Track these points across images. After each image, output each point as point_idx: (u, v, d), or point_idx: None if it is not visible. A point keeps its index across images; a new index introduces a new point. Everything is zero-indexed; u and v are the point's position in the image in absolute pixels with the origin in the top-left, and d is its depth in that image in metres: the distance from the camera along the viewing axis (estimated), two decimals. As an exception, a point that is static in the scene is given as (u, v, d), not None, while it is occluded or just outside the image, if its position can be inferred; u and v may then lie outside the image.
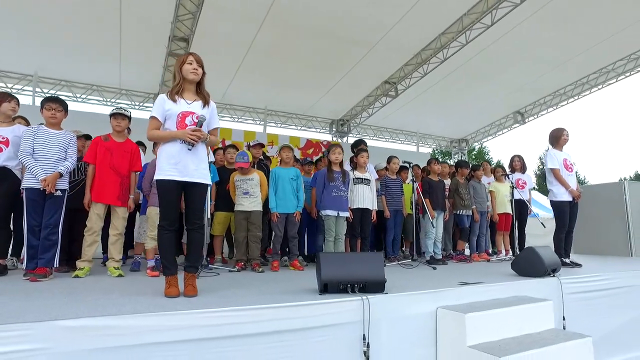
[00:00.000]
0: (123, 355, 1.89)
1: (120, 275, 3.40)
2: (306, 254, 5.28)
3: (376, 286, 2.64)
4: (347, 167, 4.66)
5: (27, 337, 1.74)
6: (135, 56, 6.64)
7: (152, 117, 2.57)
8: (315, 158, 6.43)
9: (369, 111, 9.08)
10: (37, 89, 6.94)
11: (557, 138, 4.77)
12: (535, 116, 9.65)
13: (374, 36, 6.65)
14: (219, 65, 6.88)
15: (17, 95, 6.58)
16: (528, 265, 3.58)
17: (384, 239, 5.37)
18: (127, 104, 7.89)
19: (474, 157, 25.64)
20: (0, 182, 3.35)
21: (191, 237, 2.60)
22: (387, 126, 10.58)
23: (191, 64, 2.63)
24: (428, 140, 11.61)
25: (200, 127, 2.54)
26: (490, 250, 5.88)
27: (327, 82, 8.03)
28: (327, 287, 2.58)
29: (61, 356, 1.78)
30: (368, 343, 2.45)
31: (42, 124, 3.40)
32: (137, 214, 4.40)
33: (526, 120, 9.83)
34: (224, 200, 4.34)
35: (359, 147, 5.44)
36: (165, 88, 7.39)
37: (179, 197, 2.56)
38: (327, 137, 10.09)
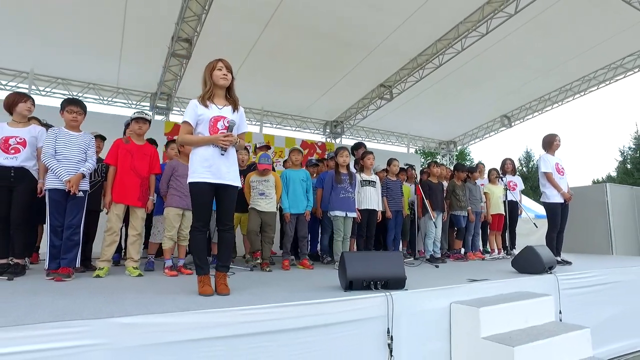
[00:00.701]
0: (172, 350, 1.99)
1: (140, 275, 3.47)
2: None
3: (397, 283, 2.82)
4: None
5: (86, 333, 1.83)
6: (136, 56, 6.61)
7: (185, 122, 2.67)
8: (311, 158, 6.54)
9: (363, 113, 9.28)
10: (33, 87, 6.81)
11: (550, 143, 5.08)
12: (521, 120, 10.08)
13: (373, 40, 6.84)
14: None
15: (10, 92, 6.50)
16: (528, 263, 3.83)
17: (384, 238, 5.56)
18: (124, 103, 7.83)
19: (455, 157, 26.31)
20: (19, 182, 3.36)
21: (222, 237, 2.70)
22: (380, 128, 10.81)
23: (221, 69, 2.73)
24: (418, 142, 11.92)
25: (231, 131, 2.65)
26: (481, 249, 6.16)
27: (324, 84, 8.18)
28: (352, 284, 2.74)
29: (118, 351, 1.87)
30: (392, 336, 2.62)
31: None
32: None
33: (512, 124, 10.25)
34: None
35: (359, 149, 5.62)
36: (165, 87, 7.41)
37: (212, 199, 2.66)
38: (321, 138, 10.25)
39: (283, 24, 6.15)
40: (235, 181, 2.69)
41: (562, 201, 4.88)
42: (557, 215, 4.89)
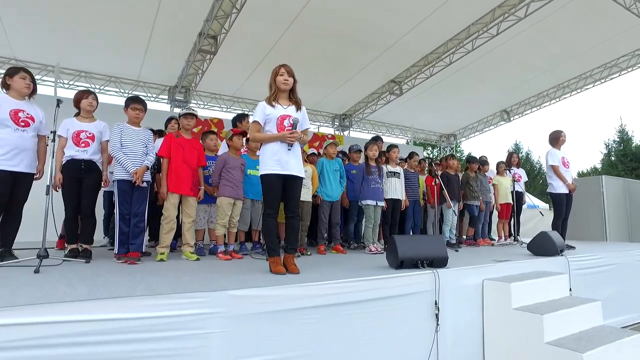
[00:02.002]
0: (273, 317, 2.35)
1: (198, 259, 3.79)
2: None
3: (441, 262, 3.23)
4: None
5: (208, 303, 2.16)
6: (161, 50, 6.82)
7: (255, 122, 3.00)
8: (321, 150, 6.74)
9: (372, 107, 9.64)
10: (58, 80, 6.96)
11: (557, 139, 5.53)
12: (520, 115, 10.58)
13: (387, 41, 7.18)
14: (241, 61, 7.19)
15: (40, 86, 6.67)
16: (542, 246, 4.29)
17: (404, 226, 5.97)
18: (143, 96, 8.00)
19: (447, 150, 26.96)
20: (89, 174, 3.63)
21: (290, 223, 3.06)
22: (385, 121, 11.19)
23: (283, 75, 3.07)
24: (420, 135, 12.36)
25: (295, 128, 2.99)
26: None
27: (337, 80, 8.50)
28: (403, 264, 3.13)
29: (231, 318, 2.22)
30: (438, 307, 3.04)
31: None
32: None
33: (511, 119, 10.75)
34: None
35: (376, 142, 5.98)
36: (185, 81, 7.63)
37: (281, 189, 3.00)
38: (329, 130, 10.58)
39: (304, 25, 6.43)
40: (301, 172, 3.04)
41: (567, 192, 5.36)
42: (562, 204, 5.37)
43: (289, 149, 2.94)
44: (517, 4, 6.19)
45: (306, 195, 4.48)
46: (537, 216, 10.60)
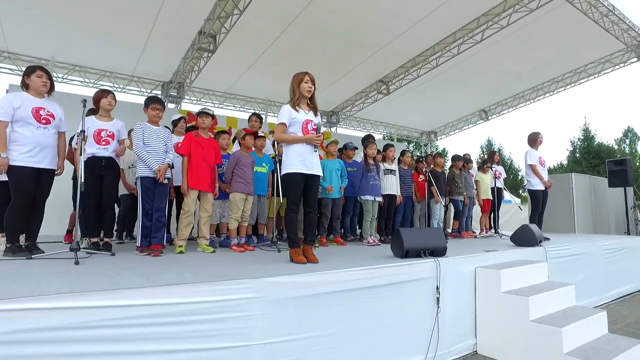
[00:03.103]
0: (304, 302, 2.65)
1: (214, 251, 4.03)
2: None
3: (440, 251, 3.63)
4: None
5: (250, 289, 2.44)
6: (159, 46, 6.88)
7: (282, 124, 3.27)
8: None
9: (360, 105, 10.00)
10: (53, 74, 6.88)
11: (535, 140, 6.08)
12: (497, 114, 11.24)
13: (379, 41, 7.52)
14: (236, 58, 7.35)
15: None
16: (524, 238, 4.79)
17: (394, 219, 6.38)
18: (137, 91, 8.04)
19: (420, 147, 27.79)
20: (109, 171, 3.80)
21: (308, 218, 3.37)
22: (370, 118, 11.59)
23: (307, 82, 3.36)
24: (403, 132, 12.85)
25: (319, 132, 3.30)
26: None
27: (328, 78, 8.78)
28: (407, 253, 3.51)
29: (270, 302, 2.51)
30: (439, 291, 3.44)
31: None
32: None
33: (489, 118, 11.39)
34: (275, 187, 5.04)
35: (368, 140, 6.35)
36: (180, 77, 7.71)
37: (303, 186, 3.29)
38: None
39: (304, 25, 6.67)
40: (320, 172, 3.35)
41: (544, 188, 5.92)
42: (539, 200, 5.94)
43: (315, 151, 3.24)
44: (500, 13, 6.67)
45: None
46: (511, 210, 11.38)
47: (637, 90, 43.95)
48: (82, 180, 3.23)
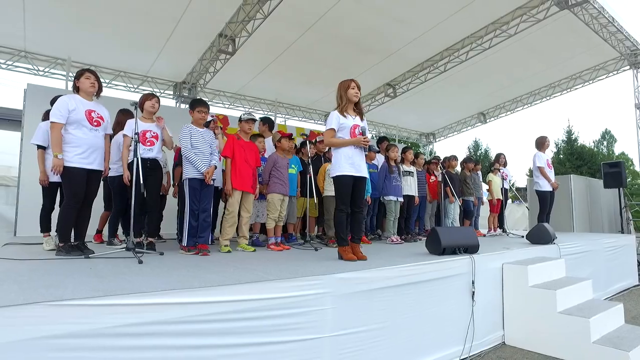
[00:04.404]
0: (364, 294, 2.85)
1: (254, 250, 4.18)
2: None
3: (474, 248, 3.88)
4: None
5: (319, 285, 2.61)
6: (176, 48, 6.94)
7: (331, 129, 3.46)
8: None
9: (367, 107, 10.23)
10: (70, 74, 6.87)
11: (542, 144, 6.42)
12: (495, 117, 11.65)
13: (389, 48, 7.77)
14: (249, 60, 7.47)
15: (48, 79, 6.69)
16: (539, 236, 5.09)
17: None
18: (149, 90, 8.05)
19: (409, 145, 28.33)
20: (154, 172, 3.91)
21: (356, 217, 3.55)
22: (374, 120, 11.84)
23: (354, 89, 3.55)
24: (403, 133, 13.16)
25: (365, 135, 3.49)
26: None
27: (337, 81, 8.94)
28: (444, 250, 3.75)
29: (337, 297, 2.69)
30: (474, 286, 3.69)
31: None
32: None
33: (487, 121, 11.79)
34: (305, 187, 5.21)
35: (382, 142, 6.59)
36: (192, 78, 7.78)
37: (351, 188, 3.48)
38: (322, 127, 11.06)
39: (319, 31, 6.85)
40: (367, 174, 3.55)
41: (551, 189, 6.27)
42: (547, 200, 6.28)
43: (366, 153, 3.43)
44: (508, 22, 6.99)
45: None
46: (506, 209, 11.82)
47: (615, 94, 45.67)
48: (142, 182, 3.34)
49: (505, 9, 6.88)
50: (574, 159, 28.09)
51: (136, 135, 3.50)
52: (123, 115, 4.56)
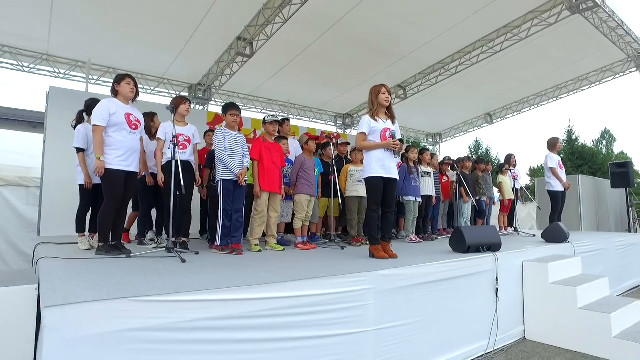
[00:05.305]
0: (403, 290, 3.00)
1: (283, 249, 4.31)
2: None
3: (496, 246, 4.03)
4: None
5: (364, 281, 2.76)
6: (195, 50, 7.06)
7: (363, 133, 3.60)
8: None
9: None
10: (91, 76, 7.01)
11: (554, 145, 6.58)
12: (502, 118, 11.80)
13: (402, 50, 7.91)
14: (264, 62, 7.59)
15: (68, 81, 6.81)
16: (554, 235, 5.24)
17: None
18: (166, 93, 8.19)
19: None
20: (186, 174, 4.02)
21: (386, 217, 3.70)
22: (381, 121, 11.96)
23: (384, 94, 3.69)
24: (411, 133, 13.30)
25: (395, 138, 3.63)
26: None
27: (349, 83, 9.12)
28: (469, 248, 3.89)
29: (380, 293, 2.84)
30: (498, 283, 3.83)
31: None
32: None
33: (494, 121, 11.94)
34: (326, 188, 5.35)
35: (410, 145, 6.72)
36: (208, 80, 7.90)
37: (382, 189, 3.61)
38: (331, 128, 11.21)
39: (335, 34, 6.98)
40: (397, 175, 3.69)
41: (563, 190, 6.42)
42: (559, 200, 6.43)
43: (396, 156, 3.57)
44: (520, 26, 7.14)
45: (364, 191, 5.10)
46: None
47: (614, 94, 45.94)
48: (182, 183, 3.47)
49: (517, 13, 7.02)
50: (575, 158, 28.27)
51: (174, 138, 3.62)
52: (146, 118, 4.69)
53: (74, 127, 4.27)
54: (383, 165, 3.56)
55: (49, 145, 6.26)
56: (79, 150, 4.13)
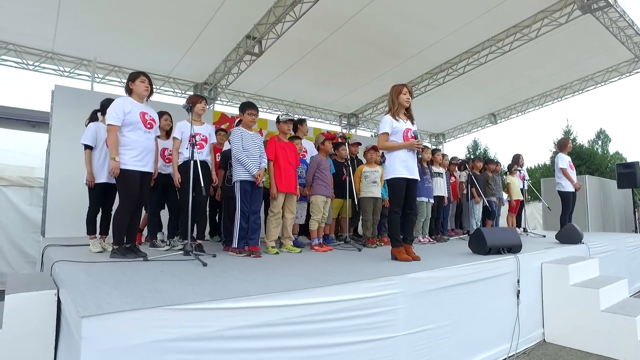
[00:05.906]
0: (432, 293, 2.94)
1: (300, 252, 4.23)
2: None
3: (517, 248, 3.99)
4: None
5: (394, 285, 2.70)
6: (202, 49, 6.96)
7: (385, 133, 3.54)
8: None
9: (383, 108, 10.31)
10: (96, 75, 6.88)
11: (565, 145, 6.55)
12: (506, 118, 11.78)
13: (410, 51, 7.84)
14: (272, 61, 7.49)
15: (72, 80, 6.71)
16: (569, 236, 5.21)
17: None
18: (171, 92, 8.08)
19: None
20: (203, 174, 3.94)
21: (408, 218, 3.64)
22: (385, 120, 11.91)
23: (405, 94, 3.63)
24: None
25: (417, 138, 3.57)
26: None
27: (355, 83, 9.05)
28: (490, 250, 3.84)
29: (410, 296, 2.78)
30: (520, 285, 3.78)
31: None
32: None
33: (498, 122, 11.92)
34: (338, 189, 5.28)
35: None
36: (214, 79, 7.80)
37: (405, 190, 3.55)
38: (336, 128, 11.14)
39: (344, 34, 6.89)
40: (418, 176, 3.63)
41: (574, 190, 6.39)
42: (569, 201, 6.40)
43: (419, 156, 3.51)
44: (530, 25, 7.10)
45: (379, 192, 5.05)
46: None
47: (609, 94, 46.23)
48: (202, 184, 3.39)
49: (527, 13, 6.98)
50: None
51: (193, 138, 3.53)
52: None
53: (87, 125, 4.16)
54: (407, 166, 3.50)
55: (54, 144, 6.14)
56: (86, 147, 4.02)
